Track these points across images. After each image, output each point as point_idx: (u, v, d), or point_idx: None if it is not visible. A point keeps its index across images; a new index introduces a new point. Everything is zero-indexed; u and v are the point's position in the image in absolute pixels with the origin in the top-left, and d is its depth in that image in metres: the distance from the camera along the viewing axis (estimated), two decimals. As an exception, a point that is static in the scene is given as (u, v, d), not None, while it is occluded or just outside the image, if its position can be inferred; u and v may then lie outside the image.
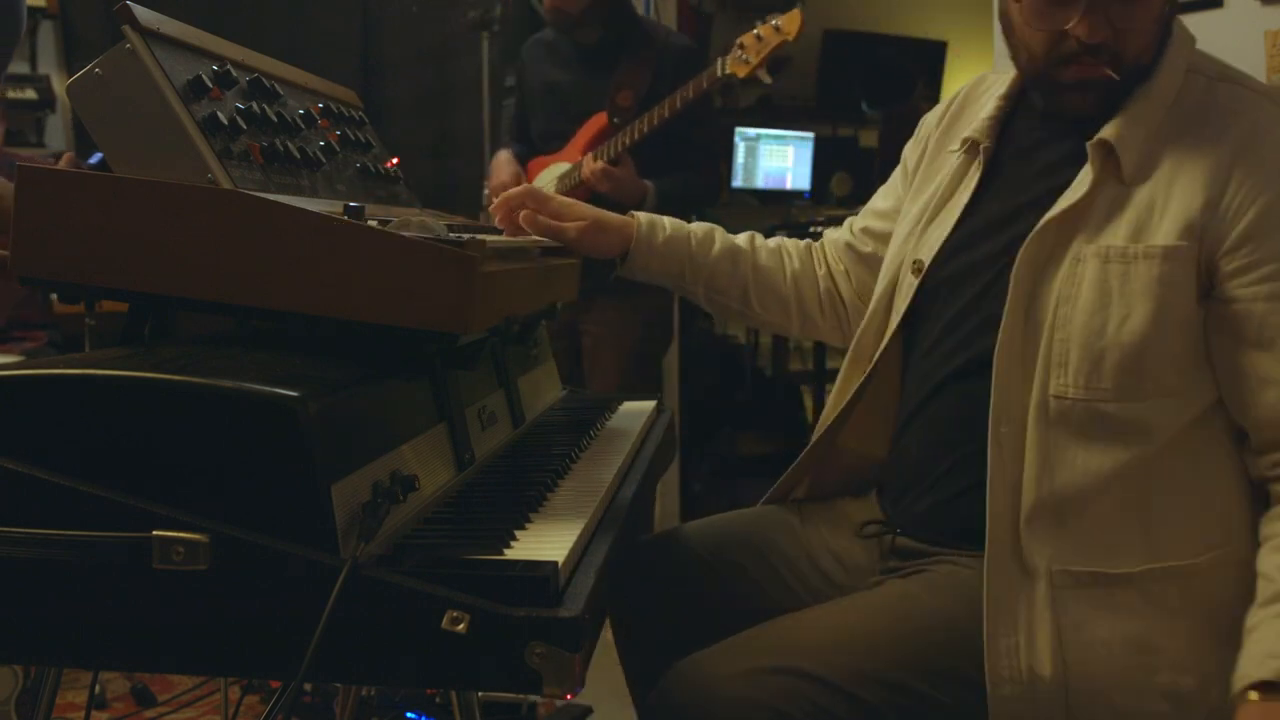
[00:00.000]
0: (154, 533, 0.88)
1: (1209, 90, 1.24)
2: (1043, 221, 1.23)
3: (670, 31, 3.16)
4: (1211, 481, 1.19)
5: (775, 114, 5.19)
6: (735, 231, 1.63)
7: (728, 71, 2.51)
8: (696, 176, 2.95)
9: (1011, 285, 1.23)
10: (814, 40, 5.47)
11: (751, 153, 4.76)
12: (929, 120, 1.52)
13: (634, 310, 2.83)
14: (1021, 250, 1.23)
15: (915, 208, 1.43)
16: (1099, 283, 1.19)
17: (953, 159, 1.40)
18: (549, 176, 2.93)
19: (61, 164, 1.19)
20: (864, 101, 5.42)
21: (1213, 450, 1.20)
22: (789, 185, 4.92)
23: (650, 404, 1.76)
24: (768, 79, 2.57)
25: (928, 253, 1.36)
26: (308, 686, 2.21)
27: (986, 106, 1.39)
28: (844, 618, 1.24)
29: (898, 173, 1.57)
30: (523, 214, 1.45)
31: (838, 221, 1.71)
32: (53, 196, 1.06)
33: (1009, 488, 1.20)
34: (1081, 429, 1.18)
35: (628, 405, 1.76)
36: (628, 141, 2.72)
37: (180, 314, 1.21)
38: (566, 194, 2.90)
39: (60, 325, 1.93)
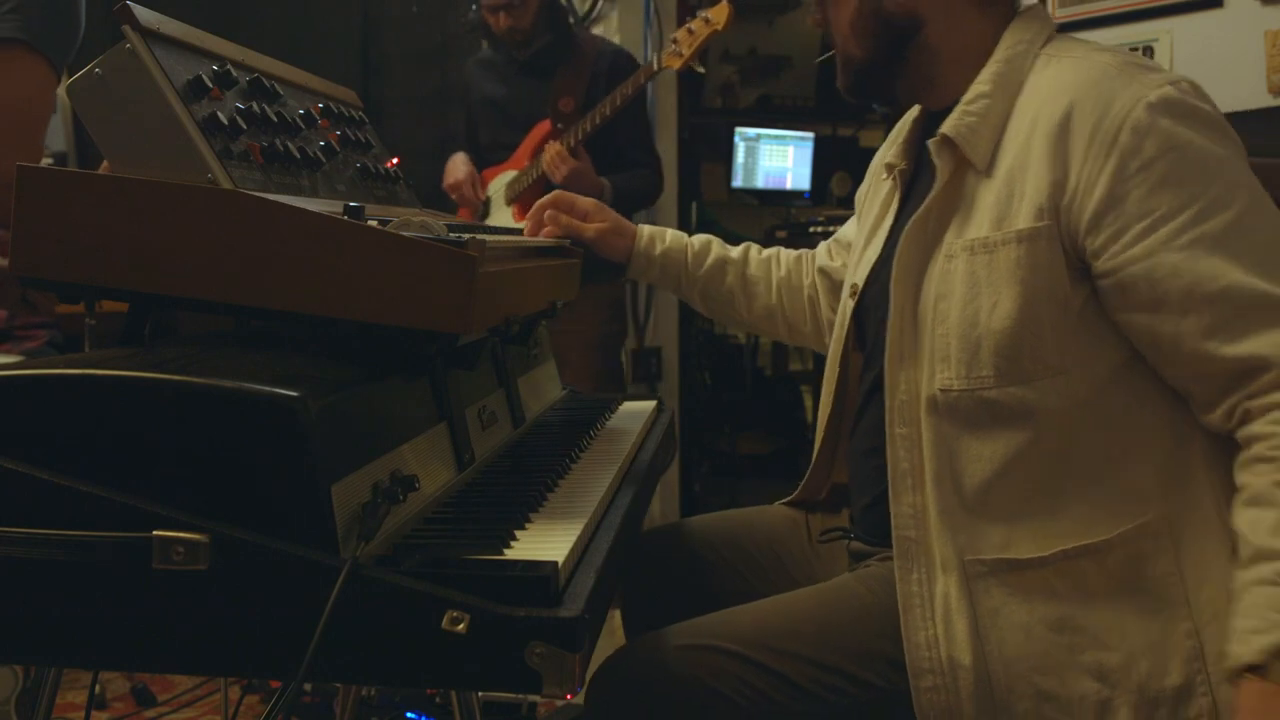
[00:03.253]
0: (154, 533, 0.88)
1: (1037, 66, 1.25)
2: (907, 226, 1.26)
3: (602, 40, 3.34)
4: (1118, 455, 1.17)
5: (775, 114, 5.19)
6: (736, 231, 1.68)
7: (663, 66, 2.72)
8: (642, 174, 3.18)
9: (892, 292, 1.27)
10: (814, 40, 5.46)
11: (751, 153, 4.76)
12: (876, 155, 1.60)
13: (591, 300, 2.89)
14: (895, 257, 1.27)
15: (860, 236, 1.51)
16: (969, 275, 1.20)
17: (885, 185, 1.47)
18: (498, 185, 3.14)
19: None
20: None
21: (1115, 423, 1.17)
22: (789, 185, 4.92)
23: (650, 404, 1.77)
24: (700, 69, 2.79)
25: (860, 276, 1.43)
26: (308, 686, 2.21)
27: (903, 131, 1.45)
28: (779, 605, 1.29)
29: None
30: (547, 214, 1.58)
31: (838, 221, 1.75)
32: (53, 196, 1.06)
33: (910, 487, 1.23)
34: (972, 419, 1.19)
35: (628, 405, 1.76)
36: (580, 135, 2.91)
37: (180, 314, 1.20)
38: (516, 198, 3.08)
39: (60, 325, 1.93)
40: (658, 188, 3.27)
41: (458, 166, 3.23)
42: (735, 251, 1.68)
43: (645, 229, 1.65)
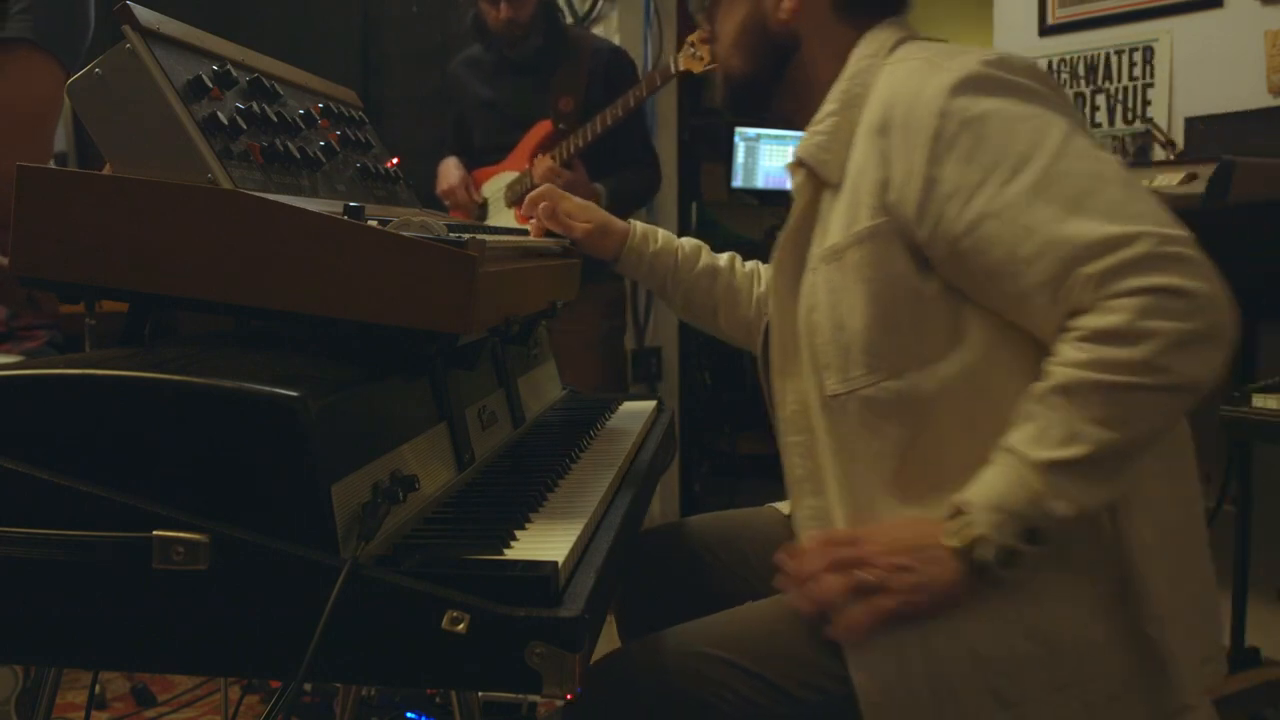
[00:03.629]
0: (154, 533, 0.88)
1: (880, 76, 1.25)
2: (776, 247, 1.31)
3: (595, 37, 3.30)
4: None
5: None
6: (736, 231, 1.68)
7: (681, 69, 2.66)
8: (641, 170, 3.12)
9: (771, 310, 1.32)
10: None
11: (751, 153, 4.76)
12: None
13: (592, 300, 2.88)
14: (769, 279, 1.32)
15: None
16: (828, 283, 1.23)
17: None
18: (497, 185, 3.09)
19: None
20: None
21: (1000, 399, 1.16)
22: (789, 185, 4.93)
23: (650, 404, 1.77)
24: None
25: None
26: (308, 686, 2.21)
27: None
28: (762, 608, 1.30)
29: None
30: (541, 206, 1.60)
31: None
32: (53, 196, 1.06)
33: (809, 491, 1.26)
34: (862, 419, 1.21)
35: (628, 405, 1.76)
36: (580, 144, 2.88)
37: (180, 314, 1.20)
38: (517, 201, 3.04)
39: (60, 325, 1.93)
40: (655, 184, 3.24)
41: (450, 171, 3.17)
42: (722, 260, 1.69)
43: (639, 226, 1.65)
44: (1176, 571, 1.18)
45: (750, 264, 1.72)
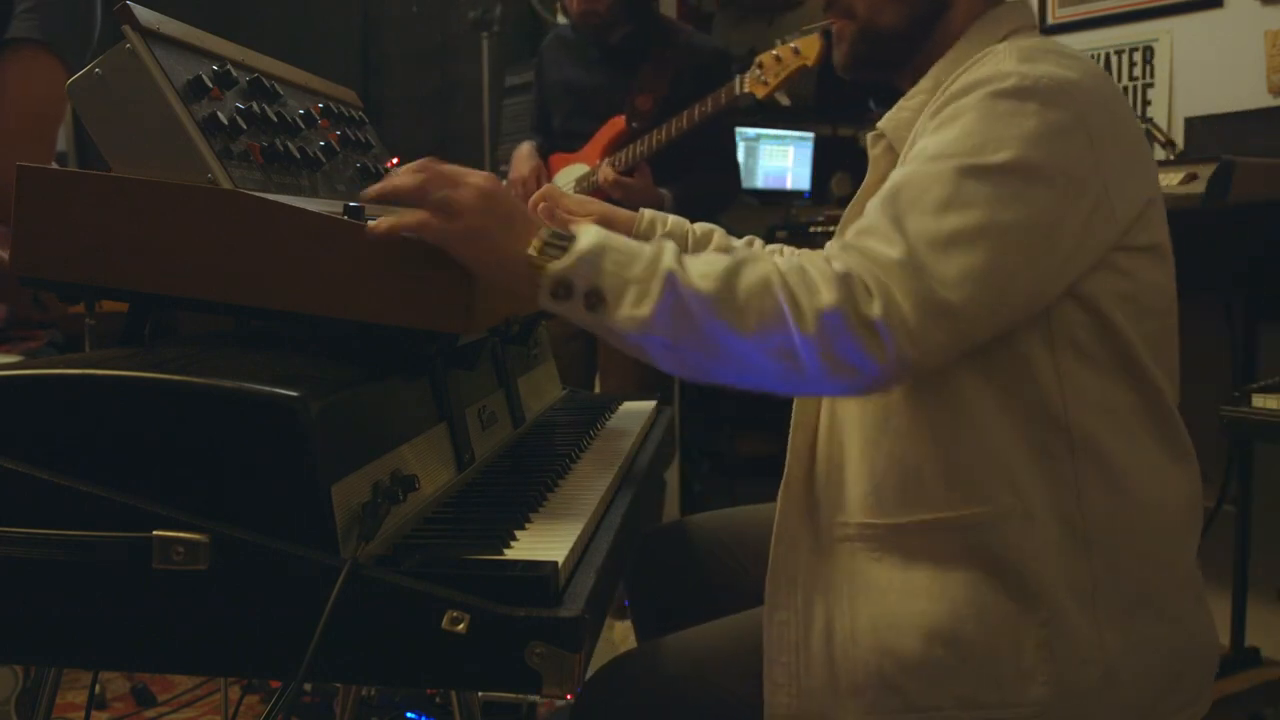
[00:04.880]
0: (154, 533, 0.88)
1: (967, 59, 1.18)
2: (844, 217, 1.25)
3: (694, 33, 3.12)
4: (975, 436, 1.13)
5: (775, 114, 5.18)
6: (737, 230, 1.65)
7: (745, 90, 2.49)
8: (713, 178, 2.93)
9: None
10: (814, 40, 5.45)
11: (751, 153, 4.75)
12: None
13: None
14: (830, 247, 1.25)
15: None
16: None
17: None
18: (568, 178, 2.92)
19: None
20: (871, 100, 5.43)
21: (974, 404, 1.12)
22: (789, 185, 4.91)
23: (650, 404, 1.77)
24: (785, 101, 2.58)
25: None
26: (308, 686, 2.21)
27: None
28: (748, 618, 1.30)
29: None
30: (541, 207, 1.54)
31: (838, 221, 1.73)
32: (53, 196, 1.06)
33: (802, 458, 1.23)
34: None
35: (628, 405, 1.76)
36: (644, 150, 2.71)
37: (180, 314, 1.20)
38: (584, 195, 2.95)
39: (60, 325, 1.93)
40: (728, 192, 3.04)
41: (523, 160, 3.00)
42: (740, 242, 1.63)
43: (647, 213, 1.62)
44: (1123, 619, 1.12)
45: (773, 247, 1.66)
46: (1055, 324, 1.11)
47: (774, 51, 2.43)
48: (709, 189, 2.91)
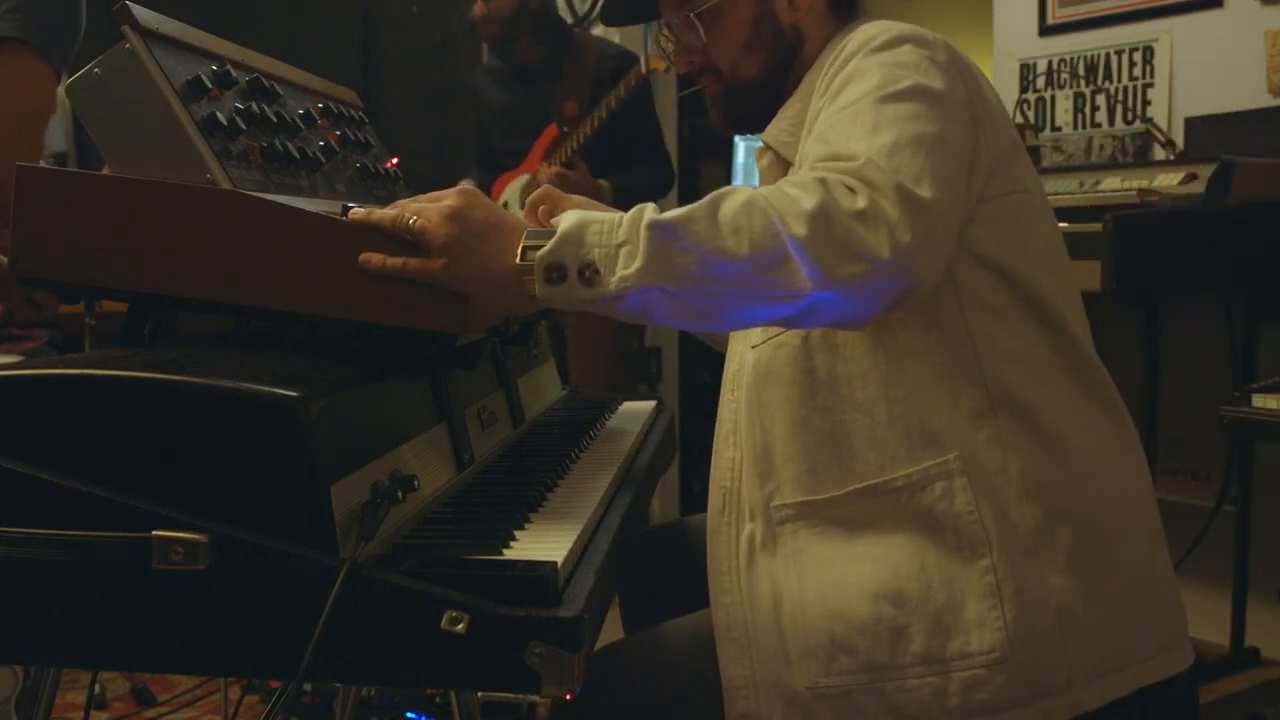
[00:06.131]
0: (154, 533, 0.88)
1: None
2: None
3: (603, 41, 3.35)
4: (901, 397, 1.14)
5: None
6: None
7: (650, 68, 2.79)
8: (648, 169, 3.18)
9: None
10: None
11: (752, 153, 4.76)
12: None
13: None
14: None
15: None
16: None
17: None
18: (514, 190, 3.19)
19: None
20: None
21: (896, 371, 1.14)
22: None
23: (650, 404, 1.77)
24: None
25: None
26: (308, 686, 2.21)
27: None
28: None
29: None
30: (541, 210, 1.53)
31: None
32: (53, 196, 1.06)
33: (732, 444, 1.26)
34: (773, 372, 1.20)
35: (628, 405, 1.76)
36: (575, 145, 2.98)
37: (180, 314, 1.20)
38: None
39: (60, 325, 1.93)
40: (664, 182, 3.27)
41: None
42: None
43: (639, 209, 1.64)
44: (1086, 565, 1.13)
45: None
46: (963, 286, 1.14)
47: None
48: (644, 180, 3.17)
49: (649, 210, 1.03)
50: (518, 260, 1.03)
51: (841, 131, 1.08)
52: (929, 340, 1.14)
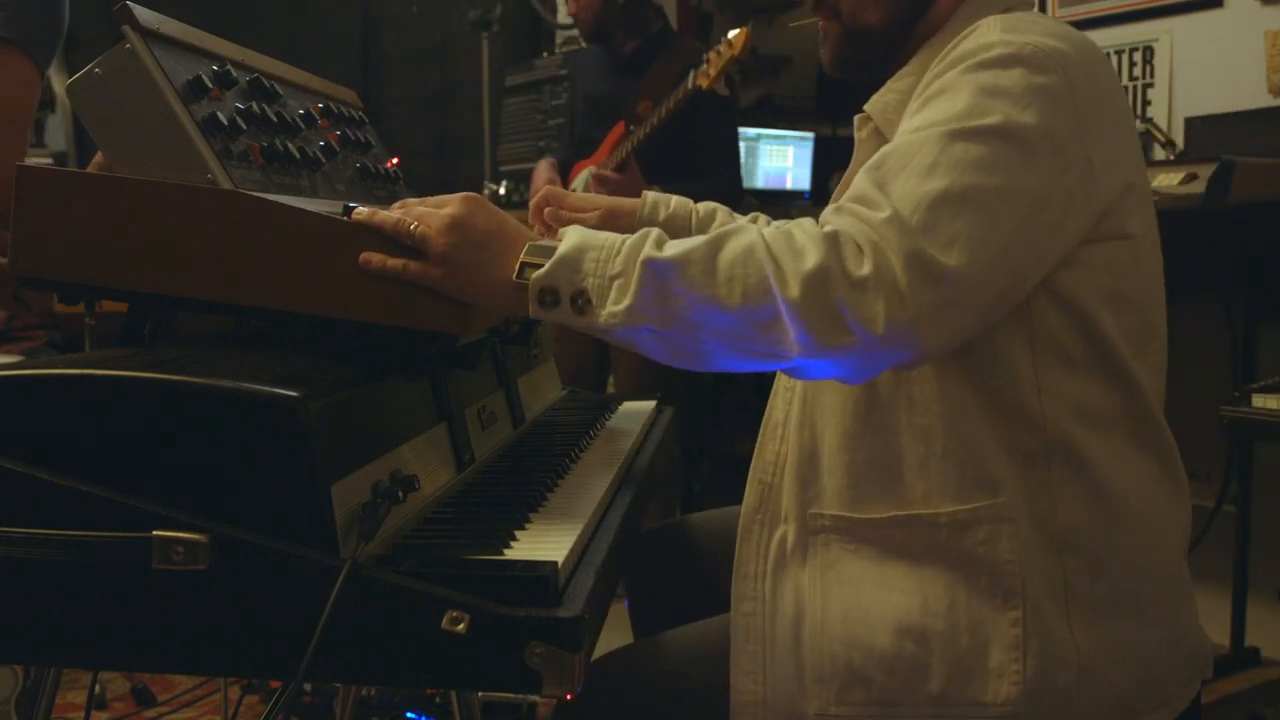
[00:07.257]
0: (154, 533, 0.88)
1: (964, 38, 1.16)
2: (834, 195, 1.21)
3: (695, 41, 3.35)
4: (958, 436, 1.11)
5: (775, 114, 5.18)
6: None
7: (694, 85, 2.71)
8: (713, 182, 3.02)
9: None
10: (815, 40, 5.46)
11: (751, 153, 4.75)
12: None
13: None
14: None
15: None
16: None
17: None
18: (582, 179, 3.17)
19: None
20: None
21: (957, 405, 1.11)
22: (789, 185, 4.91)
23: (650, 404, 1.77)
24: (724, 91, 2.84)
25: None
26: (308, 686, 2.21)
27: None
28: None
29: None
30: (546, 211, 1.54)
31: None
32: (53, 196, 1.06)
33: (779, 437, 1.22)
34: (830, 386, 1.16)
35: (628, 405, 1.76)
36: (632, 146, 2.93)
37: (180, 314, 1.20)
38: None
39: (60, 325, 1.93)
40: (729, 193, 3.08)
41: (539, 174, 3.28)
42: (743, 220, 1.60)
43: (650, 196, 1.60)
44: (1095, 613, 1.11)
45: (779, 223, 1.66)
46: (1038, 328, 1.09)
47: (716, 47, 2.64)
48: (709, 192, 2.97)
49: (649, 243, 1.01)
50: (515, 277, 1.03)
51: (898, 160, 1.02)
52: (993, 374, 1.10)
